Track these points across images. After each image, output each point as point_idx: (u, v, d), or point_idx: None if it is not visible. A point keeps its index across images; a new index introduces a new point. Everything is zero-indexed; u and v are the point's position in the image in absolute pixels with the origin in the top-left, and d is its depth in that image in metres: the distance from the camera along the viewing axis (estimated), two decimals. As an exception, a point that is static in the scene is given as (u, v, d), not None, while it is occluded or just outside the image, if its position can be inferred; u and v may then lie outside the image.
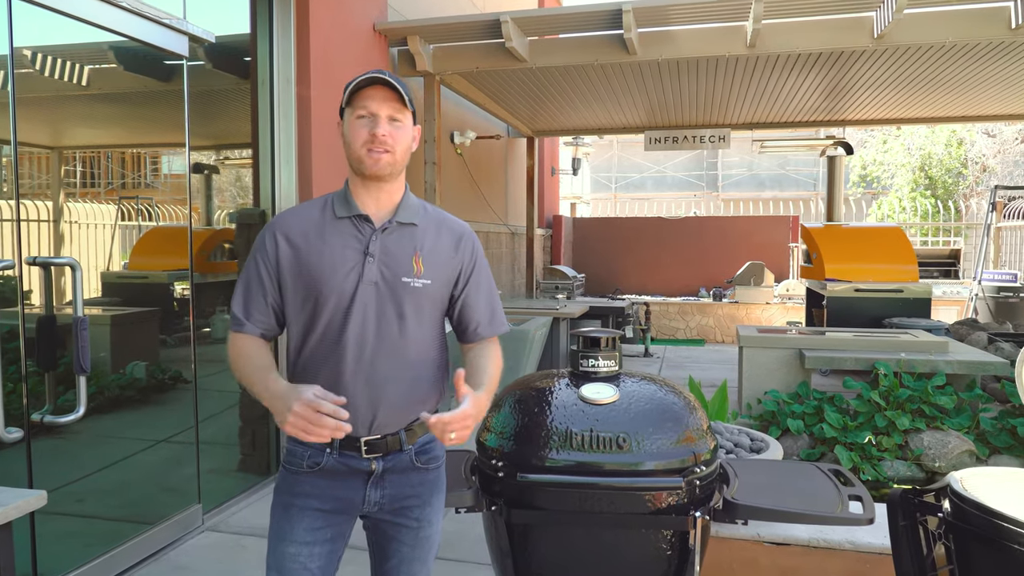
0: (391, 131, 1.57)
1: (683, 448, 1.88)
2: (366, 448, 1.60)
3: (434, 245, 1.67)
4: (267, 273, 1.61)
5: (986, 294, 8.79)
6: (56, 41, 3.06)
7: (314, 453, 1.61)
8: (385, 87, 1.57)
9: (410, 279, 1.61)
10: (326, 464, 1.61)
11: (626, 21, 4.93)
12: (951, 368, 4.83)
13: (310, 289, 1.58)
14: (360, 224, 1.61)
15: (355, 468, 1.62)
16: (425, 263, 1.63)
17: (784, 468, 2.24)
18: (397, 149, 1.59)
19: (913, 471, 4.51)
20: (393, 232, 1.63)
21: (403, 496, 1.67)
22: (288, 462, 1.66)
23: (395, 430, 1.64)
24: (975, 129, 17.32)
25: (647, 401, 1.95)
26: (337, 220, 1.61)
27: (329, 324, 1.58)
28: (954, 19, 4.87)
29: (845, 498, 1.94)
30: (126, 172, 3.78)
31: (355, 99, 1.57)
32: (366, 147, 1.56)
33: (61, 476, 3.18)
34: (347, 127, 1.60)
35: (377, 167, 1.58)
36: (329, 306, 1.57)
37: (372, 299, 1.59)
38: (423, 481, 1.70)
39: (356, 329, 1.58)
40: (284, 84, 4.30)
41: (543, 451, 1.88)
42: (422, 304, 1.64)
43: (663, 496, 1.85)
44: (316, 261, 1.58)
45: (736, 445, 2.84)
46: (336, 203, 1.64)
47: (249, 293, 1.63)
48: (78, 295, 2.71)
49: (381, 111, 1.56)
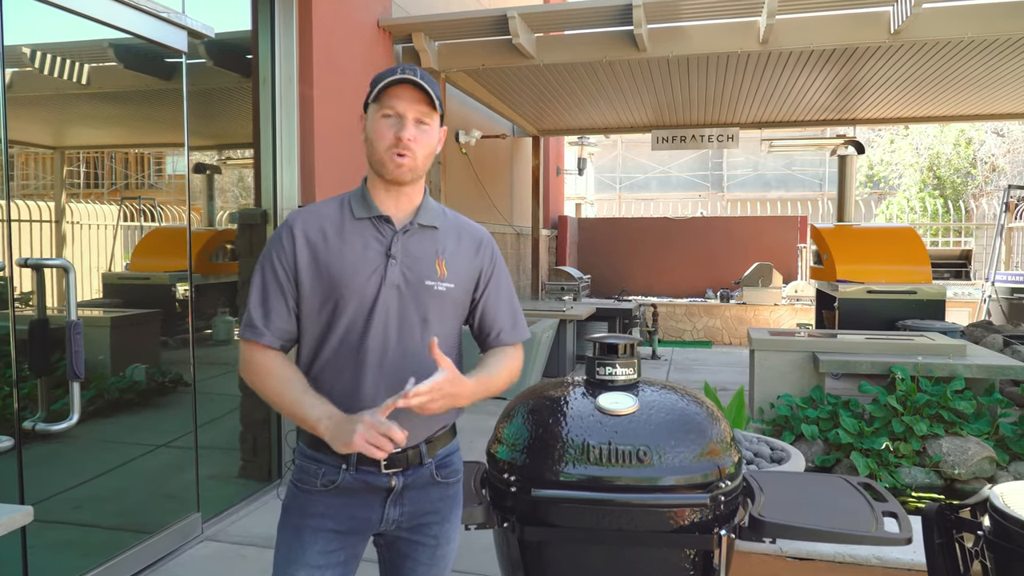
0: (416, 135, 1.48)
1: (707, 462, 1.78)
2: (385, 463, 1.50)
3: (455, 248, 1.60)
4: (285, 273, 1.49)
5: (999, 295, 8.65)
6: (50, 38, 2.97)
7: (329, 470, 1.51)
8: (414, 88, 1.48)
9: (433, 282, 1.54)
10: (342, 482, 1.51)
11: (636, 17, 4.83)
12: (970, 372, 4.71)
13: (330, 291, 1.48)
14: (380, 225, 1.53)
15: (373, 485, 1.52)
16: (448, 266, 1.56)
17: (811, 481, 2.13)
18: (420, 154, 1.50)
19: (932, 478, 4.39)
20: (415, 234, 1.55)
21: (422, 513, 1.58)
22: (299, 480, 1.55)
23: (416, 443, 1.55)
24: (984, 128, 17.16)
25: (668, 411, 1.84)
26: (356, 220, 1.52)
27: (349, 329, 1.49)
28: (973, 13, 4.75)
29: (879, 515, 1.82)
30: (129, 172, 3.72)
31: (382, 97, 1.48)
32: (391, 152, 1.48)
33: (58, 482, 3.10)
34: (371, 124, 1.51)
35: (398, 172, 1.49)
36: (350, 310, 1.48)
37: (394, 303, 1.50)
38: (443, 496, 1.62)
39: (378, 335, 1.49)
40: (286, 82, 4.20)
41: (558, 465, 1.77)
42: (445, 308, 1.57)
43: (686, 513, 1.74)
44: (337, 261, 1.48)
45: (756, 455, 2.73)
46: (354, 203, 1.55)
47: (267, 297, 1.49)
48: (72, 298, 2.62)
49: (408, 113, 1.48)
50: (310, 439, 1.53)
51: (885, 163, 18.52)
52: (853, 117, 8.33)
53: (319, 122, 4.31)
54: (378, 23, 5.21)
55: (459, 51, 5.74)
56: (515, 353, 1.68)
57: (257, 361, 1.48)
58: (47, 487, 3.10)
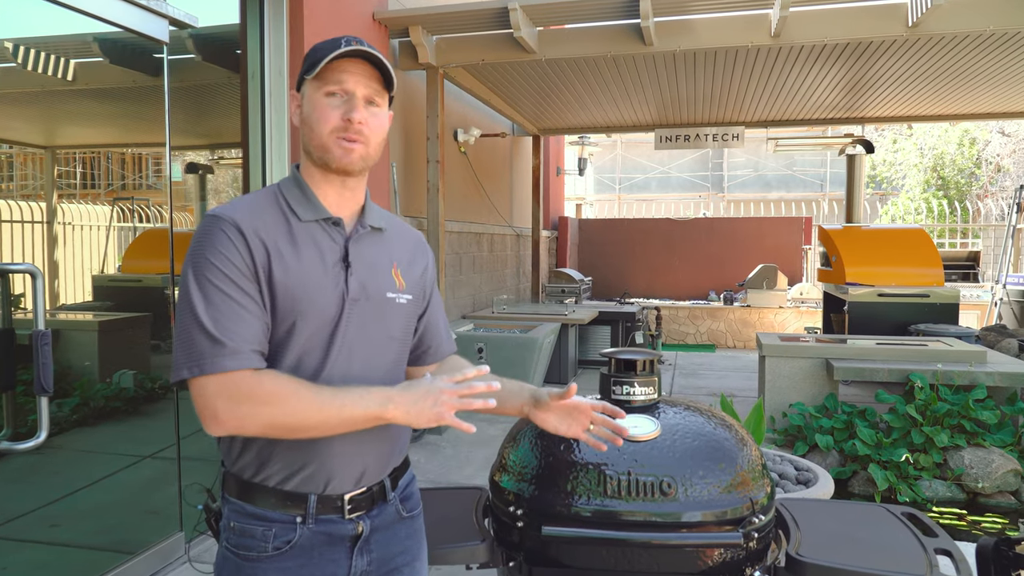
0: (367, 118, 1.25)
1: (738, 494, 1.58)
2: (350, 507, 1.28)
3: (403, 255, 1.39)
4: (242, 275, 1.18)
5: (1011, 298, 8.45)
6: (27, 32, 2.78)
7: (281, 529, 1.23)
8: (366, 62, 1.25)
9: (395, 294, 1.32)
10: (299, 540, 1.24)
11: (643, 9, 4.63)
12: (992, 380, 4.51)
13: (287, 311, 1.21)
14: (330, 229, 1.28)
15: (337, 535, 1.27)
16: (404, 276, 1.36)
17: (849, 511, 1.93)
18: (372, 140, 1.27)
19: (954, 492, 4.20)
20: (364, 239, 1.32)
21: (391, 556, 1.35)
22: (240, 547, 1.24)
23: (380, 479, 1.33)
24: (989, 128, 16.97)
25: (694, 436, 1.64)
26: (303, 223, 1.27)
27: (305, 355, 1.22)
28: (993, 6, 4.56)
29: (931, 553, 1.62)
30: (125, 172, 3.55)
31: (327, 71, 1.23)
32: (336, 135, 1.24)
33: (34, 497, 2.90)
34: (309, 104, 1.25)
35: (347, 159, 1.25)
36: (306, 332, 1.22)
37: (358, 321, 1.27)
38: (410, 533, 1.40)
39: (341, 360, 1.25)
40: (276, 76, 4.01)
41: (571, 498, 1.57)
42: (408, 324, 1.37)
43: (715, 553, 1.54)
44: (295, 274, 1.21)
45: (781, 476, 2.52)
46: (292, 200, 1.27)
47: (231, 311, 1.15)
48: (39, 306, 2.42)
49: (359, 90, 1.24)
50: (249, 493, 1.25)
51: (888, 163, 18.34)
52: (861, 115, 8.13)
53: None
54: (373, 16, 5.02)
55: (458, 45, 5.55)
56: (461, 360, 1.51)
57: (265, 389, 1.13)
58: (21, 503, 2.90)
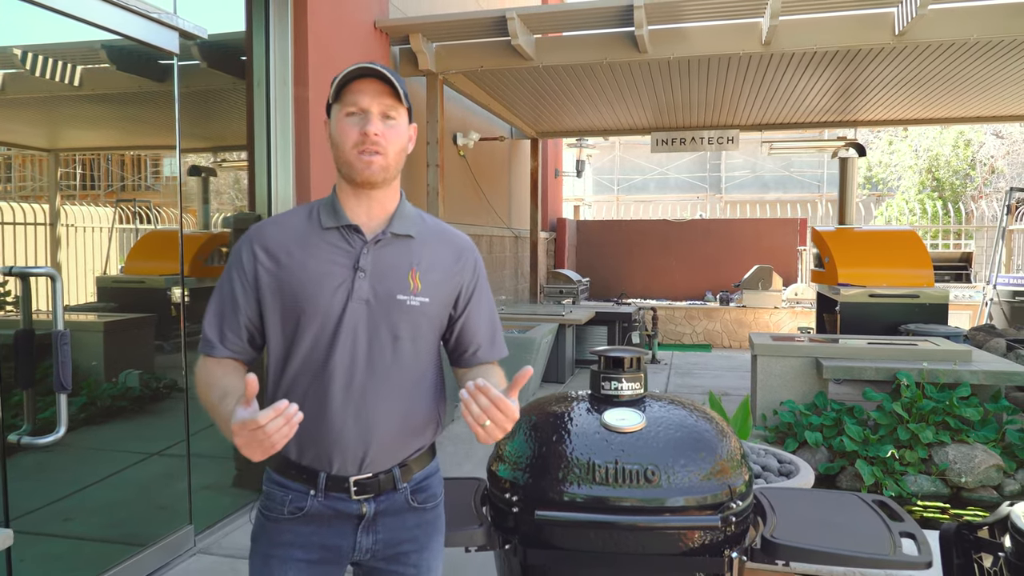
0: (384, 130, 1.38)
1: (717, 481, 1.70)
2: (355, 489, 1.42)
3: (433, 260, 1.48)
4: (243, 290, 1.43)
5: (1001, 299, 8.59)
6: (40, 40, 2.90)
7: (296, 497, 1.43)
8: (378, 80, 1.38)
9: (406, 297, 1.42)
10: (310, 509, 1.43)
11: (637, 18, 4.76)
12: (976, 378, 4.64)
13: (292, 308, 1.40)
14: (349, 235, 1.42)
15: (343, 512, 1.43)
16: (423, 279, 1.45)
17: (823, 499, 2.06)
18: (390, 151, 1.40)
19: (938, 487, 4.33)
20: (387, 245, 1.44)
21: (398, 541, 1.48)
22: (266, 508, 1.48)
23: (388, 467, 1.45)
24: (983, 130, 17.11)
25: (677, 428, 1.77)
26: (324, 231, 1.43)
27: (313, 348, 1.40)
28: (978, 15, 4.69)
29: (896, 536, 1.75)
30: (125, 175, 3.65)
31: (344, 94, 1.39)
32: (356, 149, 1.38)
33: (47, 493, 3.01)
34: (335, 127, 1.41)
35: (368, 171, 1.39)
36: (313, 327, 1.39)
37: (363, 320, 1.40)
38: (420, 523, 1.51)
39: (345, 354, 1.39)
40: (281, 84, 4.13)
41: (563, 485, 1.70)
42: (419, 325, 1.45)
43: (696, 535, 1.66)
44: (299, 276, 1.40)
45: (764, 468, 2.65)
46: (323, 212, 1.45)
47: (223, 313, 1.45)
48: (58, 307, 2.53)
49: (373, 107, 1.37)
50: (278, 463, 1.47)
51: (884, 165, 18.47)
52: (854, 119, 8.27)
53: (314, 125, 4.23)
54: (375, 24, 5.14)
55: (457, 52, 5.67)
56: (500, 373, 1.55)
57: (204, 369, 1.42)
58: (35, 498, 3.01)
